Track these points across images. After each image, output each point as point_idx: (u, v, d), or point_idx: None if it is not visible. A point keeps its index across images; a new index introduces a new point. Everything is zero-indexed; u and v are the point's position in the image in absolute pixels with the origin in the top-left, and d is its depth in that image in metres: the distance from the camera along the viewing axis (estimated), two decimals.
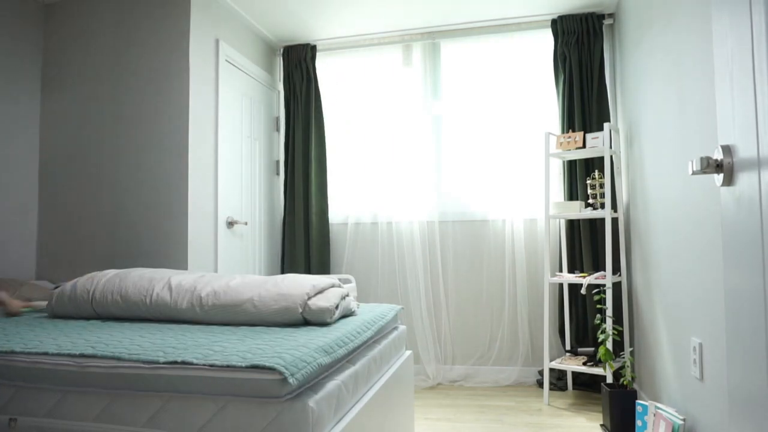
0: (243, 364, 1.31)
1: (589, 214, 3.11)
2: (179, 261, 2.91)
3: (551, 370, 3.43)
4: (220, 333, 1.72)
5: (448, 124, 3.80)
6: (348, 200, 3.91)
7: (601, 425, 2.70)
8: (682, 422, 1.98)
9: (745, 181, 0.97)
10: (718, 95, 1.09)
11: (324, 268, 3.80)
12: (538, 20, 3.61)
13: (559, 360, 3.19)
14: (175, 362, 1.37)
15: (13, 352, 1.51)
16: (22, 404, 1.47)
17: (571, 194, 3.48)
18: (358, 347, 1.81)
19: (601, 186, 3.21)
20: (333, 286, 2.05)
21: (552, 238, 3.55)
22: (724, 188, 1.06)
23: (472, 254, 3.68)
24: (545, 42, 3.65)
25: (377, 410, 1.85)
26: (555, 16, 3.56)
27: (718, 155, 1.04)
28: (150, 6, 3.08)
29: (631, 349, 3.03)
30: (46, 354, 1.48)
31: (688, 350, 2.04)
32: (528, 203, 3.59)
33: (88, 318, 2.08)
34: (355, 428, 1.59)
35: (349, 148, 3.92)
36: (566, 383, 3.40)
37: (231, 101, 3.40)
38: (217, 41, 3.24)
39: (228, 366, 1.32)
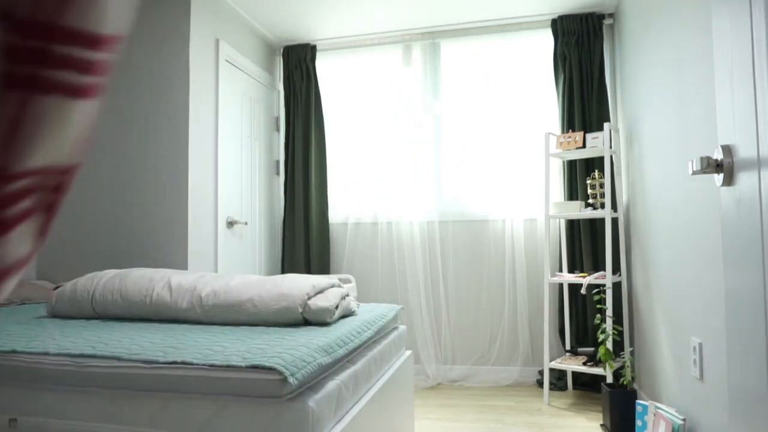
0: (243, 364, 1.31)
1: (589, 214, 3.11)
2: (179, 261, 2.91)
3: (551, 370, 3.43)
4: (220, 333, 1.72)
5: (448, 124, 3.80)
6: (348, 200, 3.91)
7: (601, 425, 2.70)
8: (682, 422, 1.98)
9: (745, 181, 0.97)
10: (718, 95, 1.09)
11: (324, 268, 3.80)
12: (538, 20, 3.61)
13: (559, 360, 3.19)
14: (175, 362, 1.37)
15: (14, 352, 1.51)
16: (22, 404, 1.47)
17: (571, 194, 3.48)
18: (358, 347, 1.81)
19: (601, 186, 3.21)
20: (333, 286, 2.05)
21: (552, 238, 3.55)
22: (724, 188, 1.06)
23: (472, 254, 3.68)
24: (545, 42, 3.65)
25: (377, 410, 1.85)
26: (555, 16, 3.56)
27: (718, 155, 1.04)
28: (150, 6, 3.08)
29: (631, 349, 3.03)
30: (46, 354, 1.48)
31: (688, 350, 2.04)
32: (528, 203, 3.59)
33: (88, 318, 2.08)
34: (355, 428, 1.59)
35: (349, 147, 3.92)
36: (566, 383, 3.39)
37: (231, 101, 3.40)
38: (217, 41, 3.24)
39: (228, 366, 1.32)
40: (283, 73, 3.98)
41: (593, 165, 3.43)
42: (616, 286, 3.29)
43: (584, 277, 3.08)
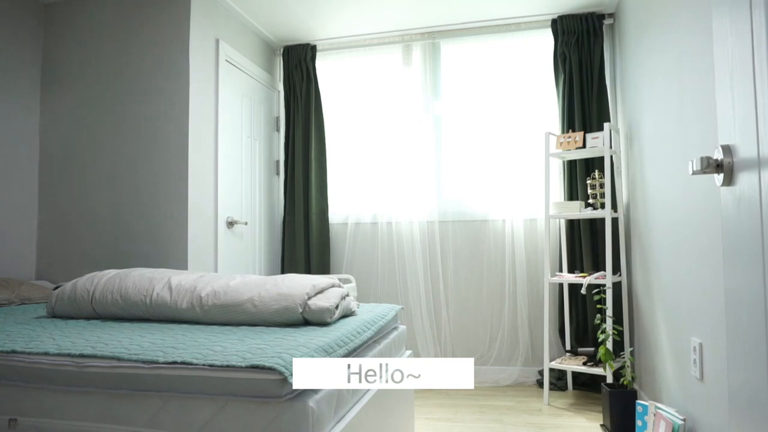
0: (243, 364, 1.31)
1: (589, 214, 3.11)
2: (179, 261, 2.91)
3: (551, 370, 3.43)
4: (220, 333, 1.72)
5: (448, 124, 3.80)
6: (348, 200, 3.91)
7: (601, 425, 2.70)
8: (682, 422, 1.98)
9: (745, 181, 0.97)
10: (718, 95, 1.09)
11: (324, 268, 3.80)
12: (538, 20, 3.61)
13: (559, 360, 3.19)
14: (175, 362, 1.37)
15: (13, 352, 1.51)
16: (22, 404, 1.48)
17: (571, 194, 3.48)
18: (358, 347, 1.81)
19: (601, 186, 3.21)
20: (333, 286, 2.05)
21: (552, 238, 3.55)
22: (724, 188, 1.06)
23: (472, 254, 3.68)
24: (545, 42, 3.65)
25: (377, 410, 1.85)
26: (555, 16, 3.56)
27: (718, 155, 1.04)
28: (150, 6, 3.08)
29: (631, 349, 3.03)
30: (46, 354, 1.48)
31: (688, 350, 2.04)
32: (528, 203, 3.59)
33: (88, 318, 2.09)
34: (355, 428, 1.59)
35: (349, 148, 3.92)
36: (566, 383, 3.39)
37: (231, 101, 3.40)
38: (217, 41, 3.24)
39: (228, 366, 1.32)
40: (283, 73, 3.98)
41: (593, 165, 3.43)
42: (616, 286, 3.29)
43: (584, 277, 3.08)
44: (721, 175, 1.04)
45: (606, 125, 3.05)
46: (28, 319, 2.08)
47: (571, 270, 3.43)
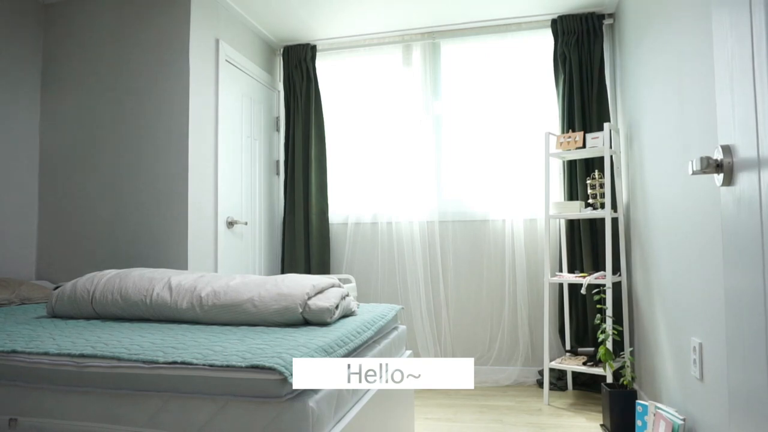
0: (243, 364, 1.31)
1: (589, 214, 3.11)
2: (179, 261, 2.91)
3: (551, 370, 3.43)
4: (220, 333, 1.72)
5: (448, 124, 3.80)
6: (348, 200, 3.91)
7: (601, 425, 2.70)
8: (682, 422, 1.98)
9: (745, 181, 0.97)
10: (718, 95, 1.09)
11: (324, 268, 3.80)
12: (538, 20, 3.61)
13: (559, 360, 3.19)
14: (175, 362, 1.37)
15: (13, 352, 1.51)
16: (22, 404, 1.48)
17: (571, 194, 3.48)
18: (358, 347, 1.81)
19: (601, 186, 3.21)
20: (333, 286, 2.05)
21: (552, 238, 3.55)
22: (724, 188, 1.06)
23: (472, 254, 3.68)
24: (545, 42, 3.65)
25: (377, 410, 1.85)
26: (555, 16, 3.56)
27: (718, 155, 1.04)
28: (150, 6, 3.08)
29: (631, 349, 3.03)
30: (46, 354, 1.49)
31: (688, 350, 2.04)
32: (528, 203, 3.59)
33: (88, 318, 2.09)
34: (355, 428, 1.59)
35: (349, 148, 3.92)
36: (566, 383, 3.39)
37: (231, 101, 3.40)
38: (217, 41, 3.24)
39: (228, 366, 1.32)
40: (283, 73, 3.98)
41: (593, 165, 3.43)
42: (616, 286, 3.29)
43: (584, 277, 3.08)
44: (721, 175, 1.04)
45: (606, 125, 3.05)
46: (28, 319, 2.08)
47: (571, 270, 3.43)
